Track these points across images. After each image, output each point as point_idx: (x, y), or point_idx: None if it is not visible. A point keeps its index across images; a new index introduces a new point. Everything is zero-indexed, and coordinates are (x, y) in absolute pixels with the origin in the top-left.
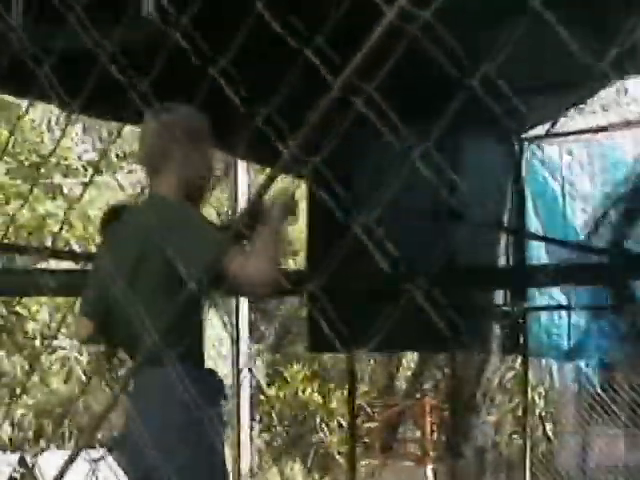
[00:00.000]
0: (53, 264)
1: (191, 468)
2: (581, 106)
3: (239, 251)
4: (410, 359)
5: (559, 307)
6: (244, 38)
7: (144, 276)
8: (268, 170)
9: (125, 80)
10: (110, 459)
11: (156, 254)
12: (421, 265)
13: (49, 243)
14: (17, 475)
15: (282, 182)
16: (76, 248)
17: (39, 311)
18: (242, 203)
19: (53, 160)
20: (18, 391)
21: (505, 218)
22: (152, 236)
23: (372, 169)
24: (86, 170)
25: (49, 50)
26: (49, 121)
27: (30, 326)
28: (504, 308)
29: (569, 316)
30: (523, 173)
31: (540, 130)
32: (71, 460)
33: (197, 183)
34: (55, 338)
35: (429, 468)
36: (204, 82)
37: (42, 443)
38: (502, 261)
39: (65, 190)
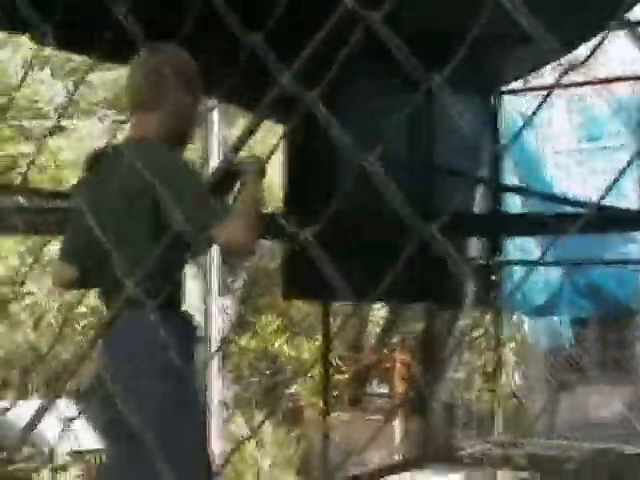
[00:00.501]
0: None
1: (168, 412)
2: (561, 60)
3: (225, 212)
4: (380, 314)
5: (533, 262)
6: None
7: (130, 218)
8: (242, 120)
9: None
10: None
11: (143, 196)
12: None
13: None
14: None
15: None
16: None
17: (7, 257)
18: (215, 153)
19: (23, 103)
20: None
21: (482, 170)
22: (140, 177)
23: (353, 119)
24: (58, 116)
25: None
26: (18, 63)
27: None
28: (479, 261)
29: (543, 271)
30: (500, 125)
31: (518, 83)
32: (43, 410)
33: (183, 128)
34: (24, 283)
35: (397, 423)
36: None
37: (8, 394)
38: (478, 212)
39: (36, 134)
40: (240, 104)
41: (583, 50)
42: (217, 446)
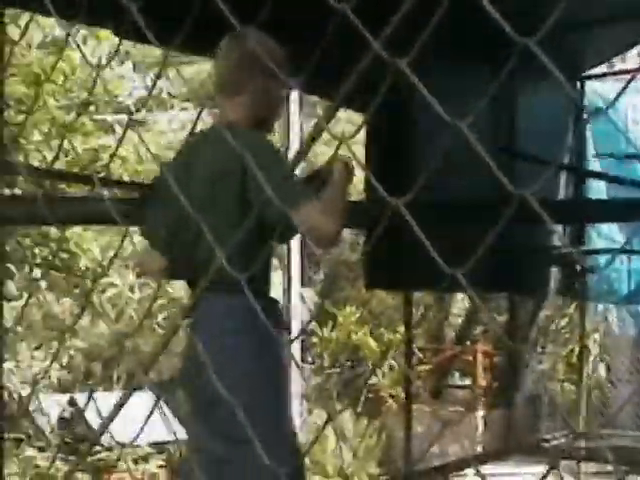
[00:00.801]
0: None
1: (257, 400)
2: None
3: (311, 198)
4: (461, 306)
5: (619, 250)
6: None
7: (217, 201)
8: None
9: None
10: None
11: (231, 178)
12: (481, 202)
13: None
14: (67, 415)
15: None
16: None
17: (89, 249)
18: (294, 140)
19: (104, 97)
20: (68, 334)
21: (566, 157)
22: (227, 160)
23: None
24: (138, 109)
25: None
26: (100, 58)
27: (82, 262)
28: (562, 250)
29: (629, 260)
30: (584, 111)
31: (602, 68)
32: (124, 401)
33: (267, 114)
34: (107, 275)
35: (479, 415)
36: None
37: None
38: (561, 199)
39: (117, 127)
40: (320, 93)
41: None
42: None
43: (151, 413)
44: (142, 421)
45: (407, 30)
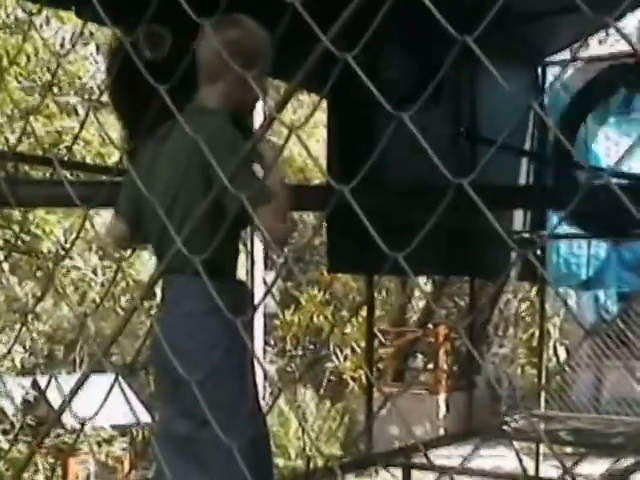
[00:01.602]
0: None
1: (224, 380)
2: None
3: (266, 199)
4: (424, 289)
5: (578, 235)
6: None
7: (185, 186)
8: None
9: None
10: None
11: (199, 167)
12: (442, 186)
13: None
14: (30, 398)
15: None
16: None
17: (53, 231)
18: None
19: (66, 79)
20: (30, 316)
21: (527, 142)
22: (198, 149)
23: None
24: (101, 91)
25: None
26: (63, 40)
27: (45, 245)
28: (523, 235)
29: (589, 245)
30: (545, 97)
31: (564, 55)
32: (81, 382)
33: (247, 102)
34: (70, 257)
35: (441, 397)
36: None
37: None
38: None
39: (80, 109)
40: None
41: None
42: None
43: (109, 392)
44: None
45: (360, 18)
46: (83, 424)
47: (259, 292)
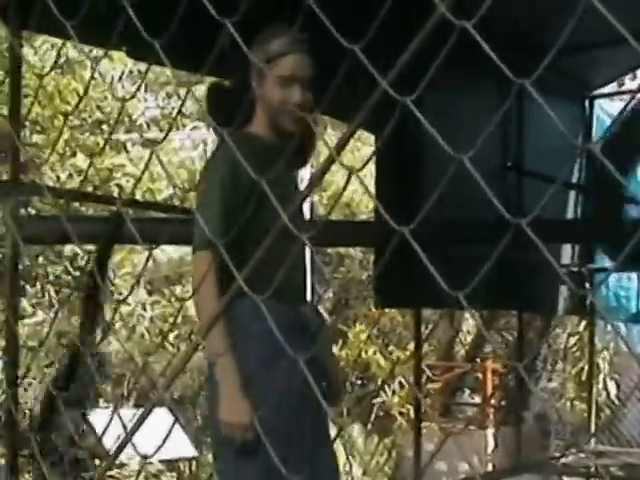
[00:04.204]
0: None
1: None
2: None
3: (202, 249)
4: (471, 323)
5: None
6: None
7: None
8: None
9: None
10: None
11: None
12: (489, 219)
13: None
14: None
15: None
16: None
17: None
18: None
19: (116, 116)
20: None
21: (575, 176)
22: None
23: (442, 126)
24: (149, 127)
25: None
26: (112, 78)
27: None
28: (571, 269)
29: (638, 278)
30: (593, 130)
31: (610, 87)
32: (143, 418)
33: (280, 124)
34: (119, 293)
35: (490, 432)
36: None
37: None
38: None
39: (129, 146)
40: (329, 113)
41: None
42: None
43: (172, 428)
44: (155, 437)
45: (417, 62)
46: (146, 457)
47: None
